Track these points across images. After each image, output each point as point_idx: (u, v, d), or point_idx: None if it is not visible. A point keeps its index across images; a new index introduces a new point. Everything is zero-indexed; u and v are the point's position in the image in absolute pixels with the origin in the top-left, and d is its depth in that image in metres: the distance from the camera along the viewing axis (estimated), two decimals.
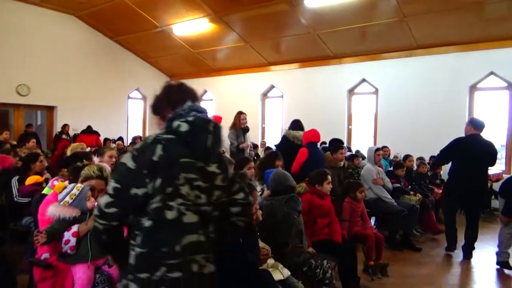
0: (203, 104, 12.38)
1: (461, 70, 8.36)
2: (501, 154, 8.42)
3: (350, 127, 10.23)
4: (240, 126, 6.27)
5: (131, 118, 13.26)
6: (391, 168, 6.54)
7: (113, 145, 8.17)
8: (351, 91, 10.20)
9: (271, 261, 2.74)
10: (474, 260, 4.90)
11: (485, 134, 5.29)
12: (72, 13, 11.12)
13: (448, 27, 7.97)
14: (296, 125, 5.93)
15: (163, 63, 13.24)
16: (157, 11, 9.92)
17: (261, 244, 2.74)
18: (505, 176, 7.54)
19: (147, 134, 12.82)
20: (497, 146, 8.36)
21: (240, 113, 6.45)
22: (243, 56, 11.24)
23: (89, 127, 10.45)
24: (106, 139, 10.66)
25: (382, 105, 9.54)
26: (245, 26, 9.88)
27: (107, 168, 3.15)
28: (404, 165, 6.32)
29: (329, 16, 8.47)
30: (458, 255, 5.10)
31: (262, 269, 2.50)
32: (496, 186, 7.52)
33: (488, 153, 4.93)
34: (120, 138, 11.50)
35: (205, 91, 13.28)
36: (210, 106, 12.73)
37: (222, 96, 12.61)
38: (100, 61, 12.03)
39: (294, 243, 3.09)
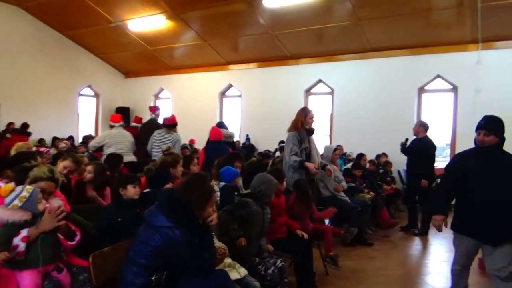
0: (159, 103, 12.17)
1: (410, 72, 8.82)
2: (446, 152, 9.00)
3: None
4: (304, 127, 4.89)
5: (82, 116, 12.71)
6: (348, 166, 6.77)
7: (62, 145, 7.80)
8: (308, 91, 10.43)
9: (228, 260, 2.76)
10: (425, 253, 5.21)
11: (431, 134, 5.91)
12: (18, 5, 10.48)
13: (399, 32, 8.37)
14: (220, 125, 6.29)
15: (117, 60, 12.83)
16: (111, 5, 9.59)
17: (218, 243, 2.75)
18: None
19: (99, 133, 12.37)
20: (443, 144, 8.95)
21: (306, 111, 5.03)
22: (201, 54, 11.16)
23: (24, 126, 9.78)
24: (55, 138, 10.16)
25: (338, 105, 9.85)
26: (203, 24, 9.81)
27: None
28: (361, 166, 6.56)
29: (287, 17, 8.61)
30: (406, 249, 5.40)
31: (219, 269, 2.52)
32: None
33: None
34: (70, 137, 11.01)
35: (162, 89, 13.05)
36: (167, 105, 12.52)
37: (179, 95, 12.45)
38: (49, 56, 11.42)
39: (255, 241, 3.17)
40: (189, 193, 2.25)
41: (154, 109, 7.21)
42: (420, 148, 6.19)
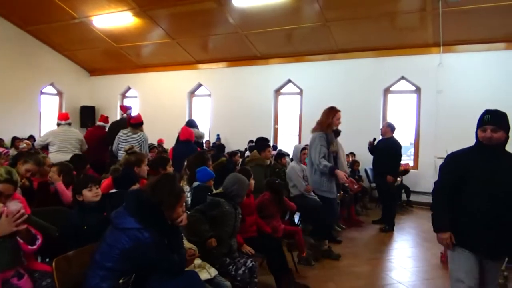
0: (126, 102, 11.87)
1: (376, 74, 9.07)
2: (410, 151, 9.32)
3: (276, 126, 10.54)
4: (332, 128, 4.70)
5: (44, 115, 12.20)
6: None
7: (22, 145, 7.45)
8: (277, 91, 10.50)
9: (198, 261, 2.73)
10: (391, 250, 5.37)
11: (396, 134, 6.26)
12: None
13: (365, 34, 8.58)
14: (191, 124, 6.23)
15: (82, 57, 12.42)
16: (74, 0, 9.26)
17: (188, 244, 2.72)
18: (413, 172, 8.37)
19: None
20: (407, 144, 9.27)
21: (334, 110, 4.77)
22: (169, 53, 10.99)
23: None
24: (15, 138, 9.70)
25: (306, 105, 9.98)
26: (171, 22, 9.66)
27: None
28: None
29: (257, 17, 8.63)
30: (373, 245, 5.55)
31: (189, 270, 2.49)
32: (406, 181, 8.32)
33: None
34: (31, 137, 10.54)
35: (129, 88, 12.75)
36: (134, 104, 12.24)
37: (147, 93, 12.21)
38: (8, 52, 10.86)
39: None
40: (158, 193, 2.21)
41: (125, 109, 7.01)
42: (386, 148, 6.50)
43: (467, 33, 7.90)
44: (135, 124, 5.86)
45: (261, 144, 6.06)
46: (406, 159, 9.43)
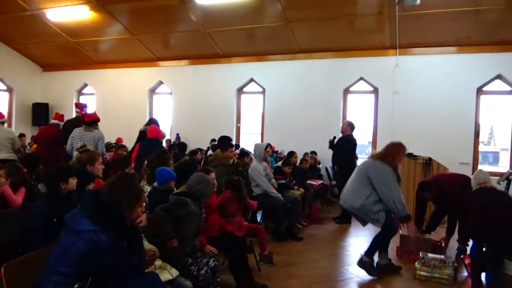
0: (82, 99, 11.39)
1: (336, 74, 9.29)
2: (368, 150, 9.64)
3: (238, 125, 10.54)
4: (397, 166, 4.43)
5: None
6: (279, 164, 6.94)
7: None
8: (239, 90, 10.50)
9: (158, 262, 2.68)
10: (349, 245, 5.52)
11: (355, 133, 6.57)
12: None
13: (326, 35, 8.76)
14: (151, 122, 6.15)
15: (35, 52, 11.79)
16: None
17: (148, 245, 2.66)
18: None
19: (13, 129, 11.27)
20: (365, 142, 9.58)
21: (404, 148, 4.55)
22: (129, 49, 10.68)
23: None
24: None
25: (269, 104, 10.06)
26: (131, 17, 9.38)
27: None
28: (291, 163, 6.76)
29: (219, 15, 8.57)
30: (333, 241, 5.68)
31: (149, 271, 2.43)
32: None
33: None
34: None
35: (86, 85, 12.27)
36: (91, 101, 11.79)
37: (105, 91, 11.80)
38: None
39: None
40: (116, 193, 2.14)
41: (81, 106, 6.72)
42: (345, 145, 6.78)
43: (421, 37, 8.27)
44: (89, 122, 5.66)
45: (224, 143, 6.05)
46: (364, 157, 9.74)
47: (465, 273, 4.36)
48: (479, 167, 8.31)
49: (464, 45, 8.19)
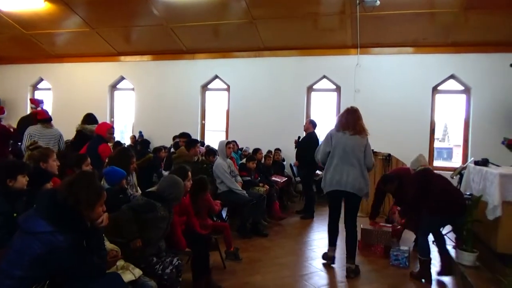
0: (38, 94, 10.86)
1: (300, 72, 9.41)
2: None
3: (203, 122, 10.44)
4: None
5: None
6: (243, 161, 6.96)
7: None
8: (204, 87, 10.40)
9: (121, 262, 2.61)
10: (312, 240, 5.63)
11: (318, 130, 6.80)
12: None
13: (290, 33, 8.84)
14: (90, 118, 5.95)
15: None
16: None
17: (109, 245, 2.58)
18: None
19: None
20: None
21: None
22: (88, 43, 10.28)
23: None
24: None
25: (234, 102, 10.03)
26: (90, 10, 9.02)
27: None
28: (255, 159, 6.81)
29: (183, 10, 8.43)
30: (297, 237, 5.77)
31: (111, 272, 2.36)
32: None
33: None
34: None
35: (41, 79, 11.70)
36: (47, 97, 11.26)
37: (62, 86, 11.31)
38: None
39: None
40: (75, 192, 2.05)
41: (37, 102, 6.40)
42: (307, 142, 6.92)
43: (381, 37, 8.55)
44: (43, 120, 5.41)
45: (191, 140, 6.02)
46: None
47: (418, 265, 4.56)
48: (434, 162, 8.73)
49: (421, 46, 8.55)
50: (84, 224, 2.10)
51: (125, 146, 6.49)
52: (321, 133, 7.40)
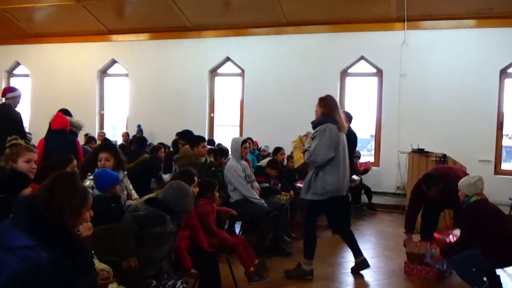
0: (14, 81, 11.08)
1: (332, 52, 9.34)
2: (371, 145, 9.77)
3: (212, 114, 10.50)
4: None
5: None
6: (261, 164, 6.93)
7: None
8: (213, 72, 10.45)
9: (113, 285, 2.65)
10: (346, 261, 5.60)
11: (354, 124, 6.86)
12: None
13: (320, 4, 8.81)
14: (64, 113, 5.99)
15: None
16: None
17: (100, 265, 2.62)
18: (374, 169, 8.77)
19: None
20: (367, 136, 9.70)
21: None
22: (73, 19, 10.46)
23: None
24: None
25: (249, 89, 10.04)
26: None
27: None
28: (278, 164, 6.74)
29: None
30: (326, 257, 5.75)
31: None
32: (366, 181, 8.70)
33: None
34: None
35: (18, 64, 11.99)
36: (25, 84, 11.52)
37: (43, 71, 11.55)
38: None
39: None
40: (57, 198, 2.09)
41: (7, 91, 6.48)
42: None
43: (434, 7, 8.42)
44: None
45: (195, 137, 6.03)
46: (366, 154, 9.86)
47: None
48: (503, 165, 8.54)
49: (485, 18, 8.36)
50: (70, 237, 2.13)
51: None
52: (359, 129, 7.31)
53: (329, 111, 4.83)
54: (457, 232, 4.61)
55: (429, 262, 4.79)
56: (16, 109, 6.08)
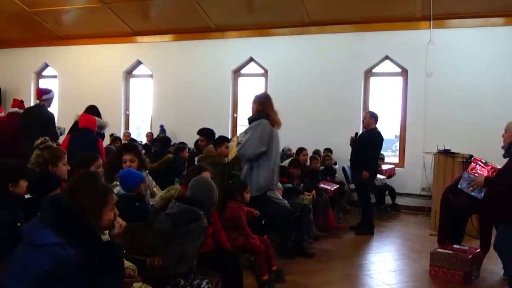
0: (43, 82, 11.33)
1: (356, 52, 9.26)
2: (396, 145, 9.65)
3: (235, 115, 10.54)
4: None
5: None
6: (284, 164, 6.93)
7: None
8: (236, 72, 10.49)
9: (138, 284, 2.68)
10: (371, 263, 5.55)
11: (379, 125, 6.90)
12: None
13: (344, 4, 8.73)
14: (93, 111, 6.21)
15: None
16: None
17: (126, 263, 2.65)
18: (398, 170, 8.67)
19: None
20: (391, 136, 9.59)
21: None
22: (99, 21, 10.65)
23: None
24: None
25: (272, 89, 10.00)
26: None
27: None
28: (300, 164, 6.73)
29: None
30: (351, 259, 5.71)
31: None
32: (390, 182, 8.60)
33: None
34: None
35: (46, 65, 12.26)
36: (53, 85, 11.76)
37: (70, 73, 11.79)
38: None
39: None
40: (78, 198, 2.12)
41: (43, 92, 6.57)
42: (368, 142, 6.80)
43: (461, 5, 8.26)
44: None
45: (218, 137, 6.07)
46: (391, 154, 9.74)
47: None
48: None
49: None
50: (96, 235, 2.17)
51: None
52: (384, 129, 7.23)
53: (264, 107, 5.01)
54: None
55: (464, 188, 4.56)
56: (49, 109, 6.25)
